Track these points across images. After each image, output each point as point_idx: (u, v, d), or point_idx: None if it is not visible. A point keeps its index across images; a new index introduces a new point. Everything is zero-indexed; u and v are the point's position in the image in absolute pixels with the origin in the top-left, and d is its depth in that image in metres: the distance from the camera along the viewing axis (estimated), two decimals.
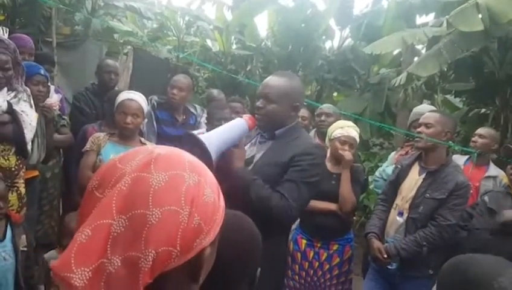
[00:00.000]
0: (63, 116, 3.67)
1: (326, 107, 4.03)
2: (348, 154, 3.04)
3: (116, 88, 4.22)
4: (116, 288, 0.60)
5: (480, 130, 3.68)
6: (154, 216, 0.62)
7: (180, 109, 3.93)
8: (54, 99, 3.40)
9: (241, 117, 2.22)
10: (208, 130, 3.50)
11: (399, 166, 2.96)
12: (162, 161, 0.68)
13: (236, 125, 2.16)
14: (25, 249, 2.79)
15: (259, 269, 1.26)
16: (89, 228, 0.62)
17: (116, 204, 0.63)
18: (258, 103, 2.19)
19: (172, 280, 0.65)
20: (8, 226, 2.50)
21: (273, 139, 2.23)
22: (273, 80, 2.22)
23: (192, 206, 0.65)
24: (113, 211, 0.62)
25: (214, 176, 0.74)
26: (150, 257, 0.60)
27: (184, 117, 3.94)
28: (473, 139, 3.63)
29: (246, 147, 2.25)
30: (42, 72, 3.23)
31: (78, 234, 0.62)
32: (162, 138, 3.74)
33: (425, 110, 3.38)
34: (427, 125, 2.74)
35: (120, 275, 0.60)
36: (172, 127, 3.86)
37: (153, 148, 0.71)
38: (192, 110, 4.06)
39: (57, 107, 3.42)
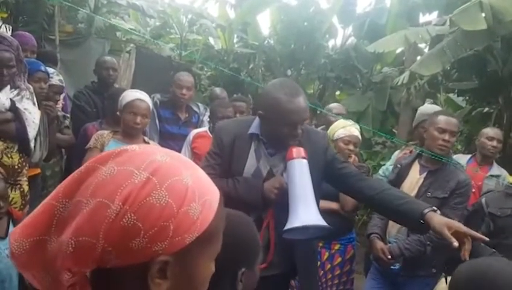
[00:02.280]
0: (67, 117, 3.67)
1: (335, 106, 4.03)
2: (354, 159, 3.03)
3: (116, 85, 4.22)
4: (48, 266, 0.64)
5: (494, 134, 3.57)
6: (87, 205, 0.63)
7: (183, 108, 3.93)
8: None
9: (292, 153, 2.05)
10: (210, 128, 3.51)
11: (398, 165, 2.94)
12: (122, 156, 0.68)
13: (302, 167, 2.05)
14: None
15: (242, 270, 1.26)
16: (40, 205, 0.67)
17: (64, 188, 0.66)
18: (299, 130, 2.05)
19: (124, 282, 0.66)
20: (11, 224, 2.50)
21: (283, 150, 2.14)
22: (304, 100, 2.08)
23: (125, 203, 0.62)
24: (60, 193, 0.65)
25: None
26: (70, 244, 0.61)
27: (187, 115, 3.94)
28: (493, 144, 3.52)
29: (249, 161, 2.14)
30: (43, 68, 3.22)
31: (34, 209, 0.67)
32: (164, 137, 3.75)
33: (431, 111, 3.34)
34: (453, 134, 2.68)
35: (51, 255, 0.63)
36: (175, 125, 3.86)
37: (131, 146, 0.71)
38: (195, 108, 4.06)
39: (61, 105, 3.42)
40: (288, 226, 1.93)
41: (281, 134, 2.05)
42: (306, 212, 1.95)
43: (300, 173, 2.02)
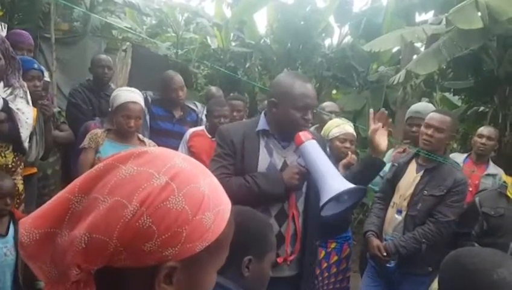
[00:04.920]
0: (62, 113, 3.65)
1: (329, 105, 4.03)
2: (353, 158, 3.05)
3: (112, 83, 4.21)
4: (57, 259, 0.63)
5: (486, 132, 3.61)
6: (104, 203, 0.63)
7: (178, 106, 3.91)
8: None
9: (299, 135, 2.11)
10: (207, 127, 3.51)
11: (395, 164, 2.95)
12: (143, 157, 0.67)
13: (314, 146, 2.10)
14: None
15: (249, 257, 1.29)
16: (53, 198, 0.67)
17: (80, 183, 0.66)
18: (309, 116, 2.15)
19: (131, 282, 0.65)
20: (12, 223, 2.51)
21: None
22: (313, 88, 2.22)
23: (142, 205, 0.62)
24: (76, 188, 0.65)
25: None
26: (83, 240, 0.61)
27: (181, 113, 3.91)
28: (482, 141, 3.57)
29: (261, 157, 2.19)
30: (36, 66, 3.17)
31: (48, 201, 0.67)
32: (157, 133, 3.71)
33: (422, 109, 3.37)
34: (438, 130, 2.68)
35: (61, 248, 0.63)
36: (169, 122, 3.83)
37: (149, 147, 0.72)
38: (193, 106, 4.04)
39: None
40: (324, 200, 1.96)
41: (294, 119, 2.12)
42: (335, 181, 1.99)
43: (315, 152, 2.07)
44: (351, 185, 1.97)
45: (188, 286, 0.68)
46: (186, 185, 0.66)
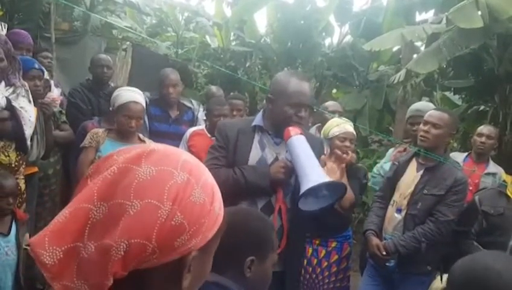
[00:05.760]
0: (63, 112, 3.65)
1: (331, 104, 4.02)
2: (352, 156, 3.05)
3: (112, 83, 4.21)
4: (87, 273, 0.61)
5: (486, 131, 3.59)
6: (133, 207, 0.62)
7: (174, 105, 3.87)
8: (55, 93, 3.38)
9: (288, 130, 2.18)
10: (207, 126, 3.51)
11: (396, 163, 2.95)
12: (154, 156, 0.68)
13: (301, 141, 2.16)
14: (28, 247, 2.78)
15: (251, 258, 1.30)
16: (69, 210, 0.63)
17: (98, 191, 0.63)
18: (303, 114, 2.20)
19: (154, 280, 0.65)
20: (13, 223, 2.51)
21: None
22: (309, 88, 2.28)
23: (174, 203, 0.63)
24: (94, 197, 0.63)
25: None
26: (121, 247, 0.60)
27: (178, 113, 3.87)
28: (481, 140, 3.54)
29: (253, 151, 2.25)
30: (37, 66, 3.17)
31: (59, 214, 0.64)
32: (154, 135, 3.67)
33: (422, 107, 3.37)
34: (435, 126, 2.69)
35: (92, 261, 0.61)
36: (165, 123, 3.79)
37: (151, 145, 0.72)
38: (189, 104, 4.01)
39: (59, 101, 3.40)
40: (302, 190, 2.01)
41: (287, 115, 2.18)
42: (315, 174, 2.04)
43: (300, 146, 2.12)
44: (329, 179, 2.05)
45: (199, 270, 0.71)
46: (200, 178, 0.69)
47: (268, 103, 2.27)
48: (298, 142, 2.13)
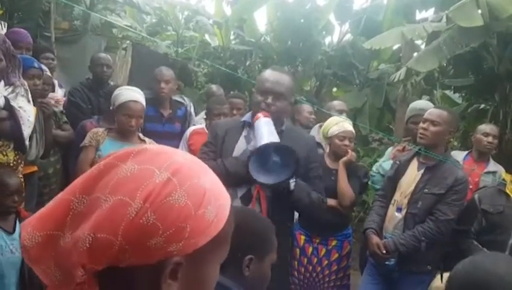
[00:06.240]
0: (64, 112, 3.64)
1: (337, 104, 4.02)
2: (352, 155, 3.06)
3: (112, 82, 4.20)
4: (61, 261, 0.63)
5: (491, 130, 3.54)
6: (106, 202, 0.63)
7: (166, 103, 3.81)
8: (59, 94, 3.38)
9: (257, 114, 2.28)
10: (206, 126, 3.51)
11: (397, 162, 2.95)
12: (144, 155, 0.67)
13: (267, 121, 2.24)
14: None
15: (249, 257, 1.29)
16: (55, 200, 0.66)
17: (82, 184, 0.66)
18: (269, 100, 2.26)
19: (135, 282, 0.65)
20: (18, 222, 2.51)
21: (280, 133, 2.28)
22: (283, 78, 2.33)
23: (146, 202, 0.62)
24: (77, 189, 0.65)
25: None
26: (87, 240, 0.61)
27: (170, 111, 3.82)
28: (488, 140, 3.49)
29: (238, 145, 2.36)
30: (36, 64, 3.13)
31: (48, 203, 0.67)
32: (148, 136, 3.63)
33: (422, 106, 3.36)
34: (433, 123, 2.69)
35: (65, 250, 0.63)
36: (158, 123, 3.73)
37: (149, 145, 0.72)
38: (180, 100, 3.98)
39: (63, 102, 3.38)
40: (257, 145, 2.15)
41: (256, 101, 2.31)
42: (265, 138, 2.14)
43: (265, 124, 2.21)
44: (277, 140, 2.13)
45: (192, 280, 0.68)
46: (187, 180, 0.66)
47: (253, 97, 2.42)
48: (263, 122, 2.21)
